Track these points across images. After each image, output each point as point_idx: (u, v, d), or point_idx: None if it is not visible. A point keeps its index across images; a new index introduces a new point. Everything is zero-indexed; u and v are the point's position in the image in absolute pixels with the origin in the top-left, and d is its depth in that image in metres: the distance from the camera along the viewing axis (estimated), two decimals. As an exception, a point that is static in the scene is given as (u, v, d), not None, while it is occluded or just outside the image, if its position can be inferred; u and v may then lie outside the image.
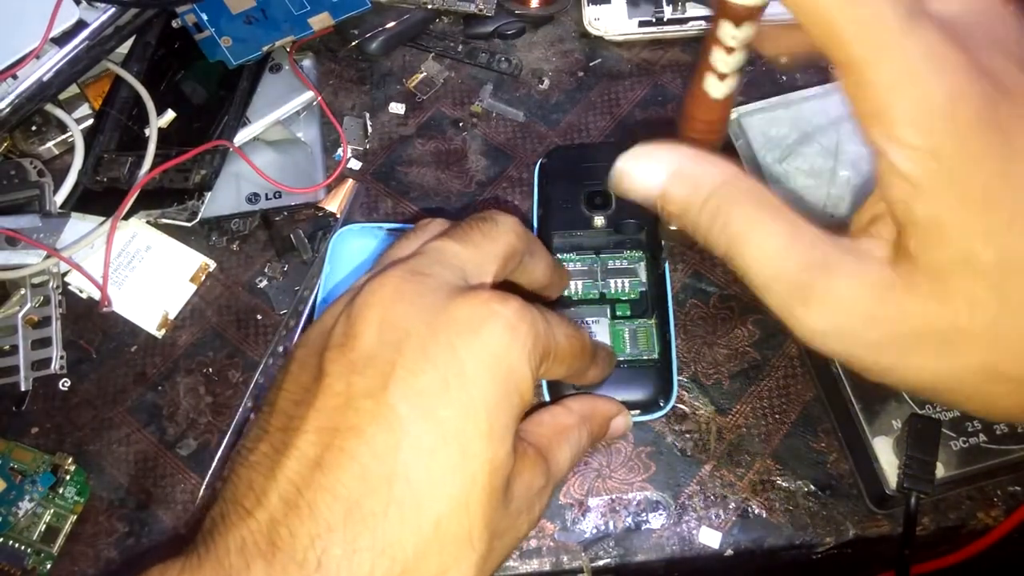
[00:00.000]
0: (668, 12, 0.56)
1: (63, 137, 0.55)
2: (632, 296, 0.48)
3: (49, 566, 0.44)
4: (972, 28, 0.22)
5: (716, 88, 0.24)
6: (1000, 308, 0.22)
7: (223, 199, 0.52)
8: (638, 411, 0.45)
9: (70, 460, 0.46)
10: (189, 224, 0.51)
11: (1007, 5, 0.23)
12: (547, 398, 0.46)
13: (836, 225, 0.25)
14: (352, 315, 0.28)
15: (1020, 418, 0.24)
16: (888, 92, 0.21)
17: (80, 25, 0.53)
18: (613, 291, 0.48)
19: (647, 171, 0.25)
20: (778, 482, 0.45)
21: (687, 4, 0.56)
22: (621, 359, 0.45)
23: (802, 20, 0.22)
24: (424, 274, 0.29)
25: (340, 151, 0.54)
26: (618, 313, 0.47)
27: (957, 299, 0.22)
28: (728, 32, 0.23)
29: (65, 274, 0.51)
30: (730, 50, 0.23)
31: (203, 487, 0.45)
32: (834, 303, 0.23)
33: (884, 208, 0.24)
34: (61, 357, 0.49)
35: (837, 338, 0.23)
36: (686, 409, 0.47)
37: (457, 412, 0.26)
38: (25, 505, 0.44)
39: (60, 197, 0.52)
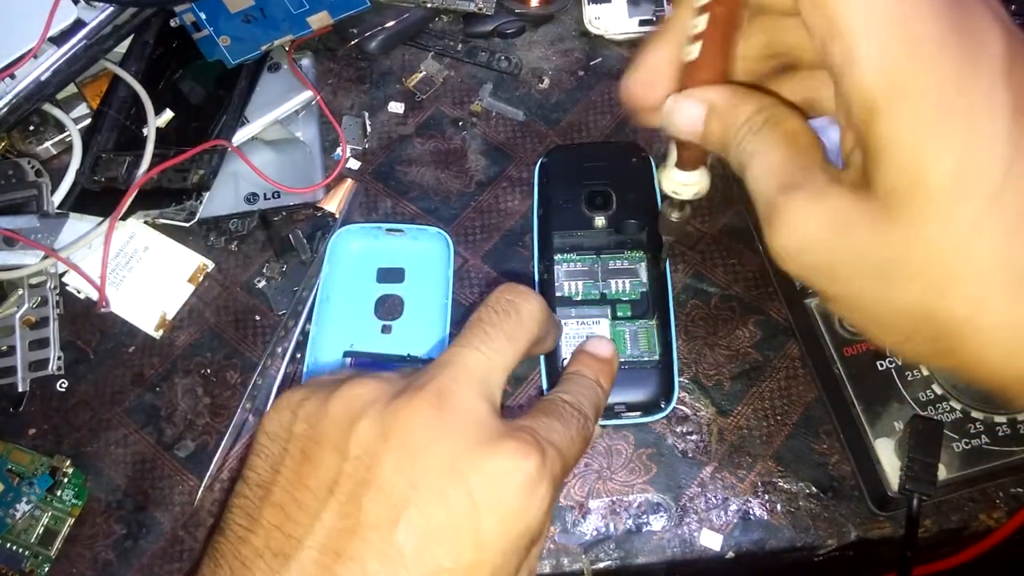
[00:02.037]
0: (669, 11, 0.56)
1: (61, 137, 0.54)
2: (633, 297, 0.47)
3: (47, 568, 0.44)
4: None
5: (687, 52, 0.26)
6: (941, 240, 0.21)
7: (221, 199, 0.52)
8: (639, 412, 0.45)
9: (68, 462, 0.45)
10: (187, 224, 0.51)
11: None
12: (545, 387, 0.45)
13: None
14: (376, 434, 0.28)
15: (947, 368, 0.24)
16: (844, 6, 0.21)
17: (78, 24, 0.53)
18: (614, 292, 0.48)
19: (688, 110, 0.26)
20: (780, 484, 0.45)
21: (688, 3, 0.55)
22: (622, 360, 0.45)
23: None
24: (453, 404, 0.28)
25: (339, 151, 0.54)
26: (619, 314, 0.47)
27: (903, 226, 0.21)
28: None
29: (63, 274, 0.51)
30: (697, 10, 0.25)
31: (201, 488, 0.45)
32: (794, 223, 0.23)
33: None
34: (59, 358, 0.49)
35: (792, 257, 0.24)
36: (687, 411, 0.46)
37: (463, 565, 0.26)
38: (23, 507, 0.44)
39: (58, 197, 0.52)
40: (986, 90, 0.20)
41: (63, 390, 0.48)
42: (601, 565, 0.44)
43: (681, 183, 0.30)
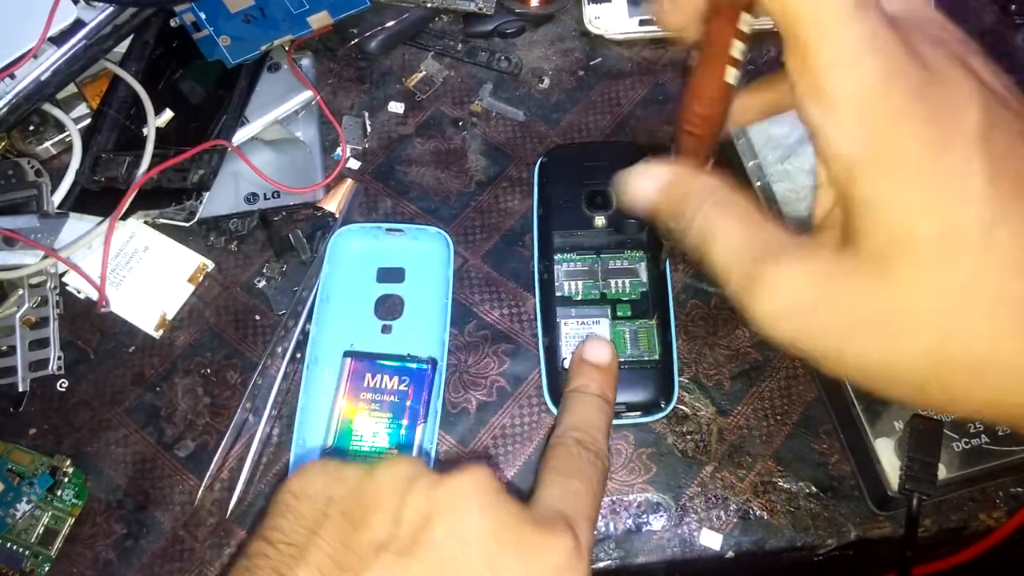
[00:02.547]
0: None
1: (61, 137, 0.54)
2: (633, 296, 0.47)
3: (47, 568, 0.44)
4: (910, 23, 0.23)
5: (733, 76, 0.27)
6: (941, 289, 0.22)
7: (221, 199, 0.52)
8: (639, 412, 0.45)
9: (68, 462, 0.45)
10: (187, 224, 0.51)
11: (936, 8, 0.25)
12: (551, 407, 0.45)
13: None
14: (428, 500, 0.30)
15: (963, 413, 0.24)
16: (828, 71, 0.22)
17: (78, 24, 0.53)
18: (614, 291, 0.48)
19: (640, 188, 0.28)
20: (779, 483, 0.45)
21: (688, 2, 0.55)
22: (622, 360, 0.45)
23: None
24: (497, 485, 0.31)
25: (339, 150, 0.54)
26: (619, 313, 0.47)
27: (899, 281, 0.22)
28: (746, 20, 0.25)
29: (63, 274, 0.51)
30: (744, 37, 0.26)
31: (201, 488, 0.45)
32: (780, 288, 0.24)
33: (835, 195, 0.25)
34: (59, 358, 0.49)
35: (785, 323, 0.24)
36: (687, 410, 0.46)
37: None
38: (23, 507, 0.44)
39: (58, 197, 0.52)
40: (961, 159, 0.21)
41: (63, 390, 0.48)
42: (601, 565, 0.44)
43: None
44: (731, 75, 0.27)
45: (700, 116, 0.28)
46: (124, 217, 0.50)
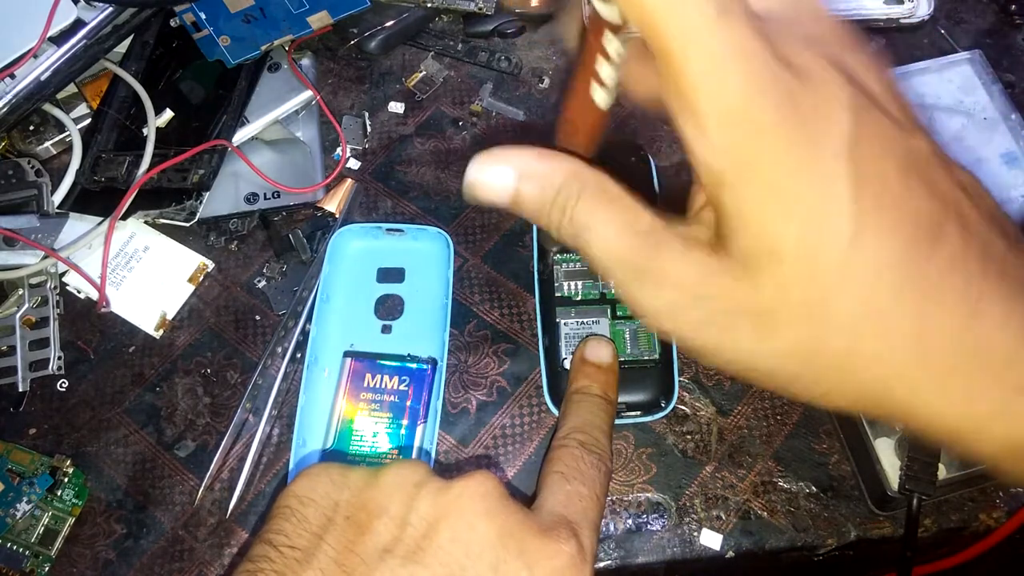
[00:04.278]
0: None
1: (61, 137, 0.54)
2: (632, 296, 0.47)
3: (47, 568, 0.44)
4: (783, 22, 0.23)
5: (601, 97, 0.26)
6: (803, 298, 0.22)
7: (221, 199, 0.52)
8: (639, 412, 0.45)
9: (68, 462, 0.45)
10: (187, 224, 0.51)
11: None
12: (551, 407, 0.45)
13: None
14: (434, 505, 0.30)
15: (836, 406, 0.25)
16: (694, 86, 0.21)
17: (78, 24, 0.53)
18: (614, 291, 0.47)
19: (496, 176, 0.26)
20: (779, 483, 0.45)
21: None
22: (622, 360, 0.45)
23: (622, 7, 0.22)
24: (502, 491, 0.31)
25: (339, 150, 0.54)
26: (619, 313, 0.47)
27: (766, 283, 0.22)
28: (611, 38, 0.24)
29: (63, 274, 0.51)
30: (610, 59, 0.25)
31: (201, 488, 0.45)
32: (661, 283, 0.24)
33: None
34: (59, 358, 0.49)
35: (666, 317, 0.25)
36: (687, 410, 0.46)
37: None
38: (23, 507, 0.44)
39: (58, 197, 0.52)
40: (828, 170, 0.21)
41: (63, 390, 0.48)
42: (601, 565, 0.44)
43: None
44: (599, 95, 0.26)
45: (569, 133, 0.27)
46: (124, 217, 0.50)
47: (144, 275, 0.51)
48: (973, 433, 0.23)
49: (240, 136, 0.53)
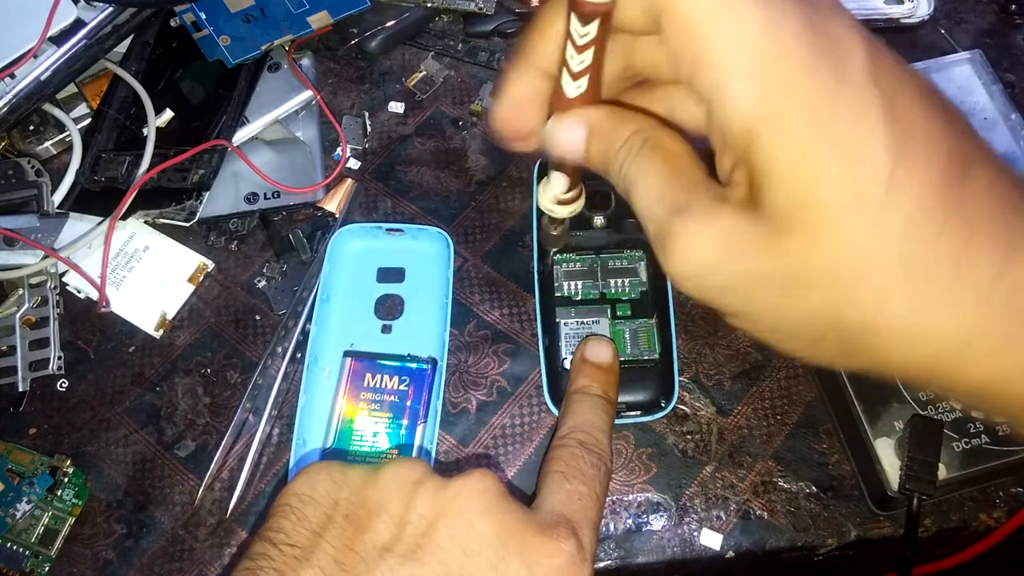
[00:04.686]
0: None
1: (61, 136, 0.54)
2: (633, 296, 0.47)
3: (47, 568, 0.44)
4: None
5: (569, 86, 0.26)
6: (838, 251, 0.21)
7: (221, 199, 0.52)
8: (639, 412, 0.45)
9: (68, 462, 0.45)
10: (187, 224, 0.51)
11: None
12: (551, 407, 0.45)
13: None
14: (432, 504, 0.30)
15: (857, 367, 0.24)
16: (707, 33, 0.21)
17: (78, 24, 0.53)
18: (613, 291, 0.48)
19: (569, 133, 0.27)
20: (779, 483, 0.45)
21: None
22: (622, 360, 0.45)
23: None
24: (501, 490, 0.31)
25: (339, 150, 0.54)
26: (619, 313, 0.47)
27: (798, 242, 0.22)
28: (577, 29, 0.24)
29: (63, 274, 0.51)
30: (579, 48, 0.24)
31: (201, 488, 0.45)
32: (687, 245, 0.24)
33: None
34: (59, 358, 0.49)
35: (692, 279, 0.24)
36: (687, 410, 0.46)
37: None
38: (23, 507, 0.44)
39: (58, 197, 0.52)
40: (857, 101, 0.21)
41: (63, 390, 0.48)
42: (601, 564, 0.44)
43: (557, 204, 0.32)
44: (570, 87, 0.26)
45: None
46: (124, 217, 0.50)
47: (144, 275, 0.51)
48: (1004, 384, 0.22)
49: (240, 136, 0.53)
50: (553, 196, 0.32)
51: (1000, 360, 0.22)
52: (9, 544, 0.43)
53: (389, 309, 0.49)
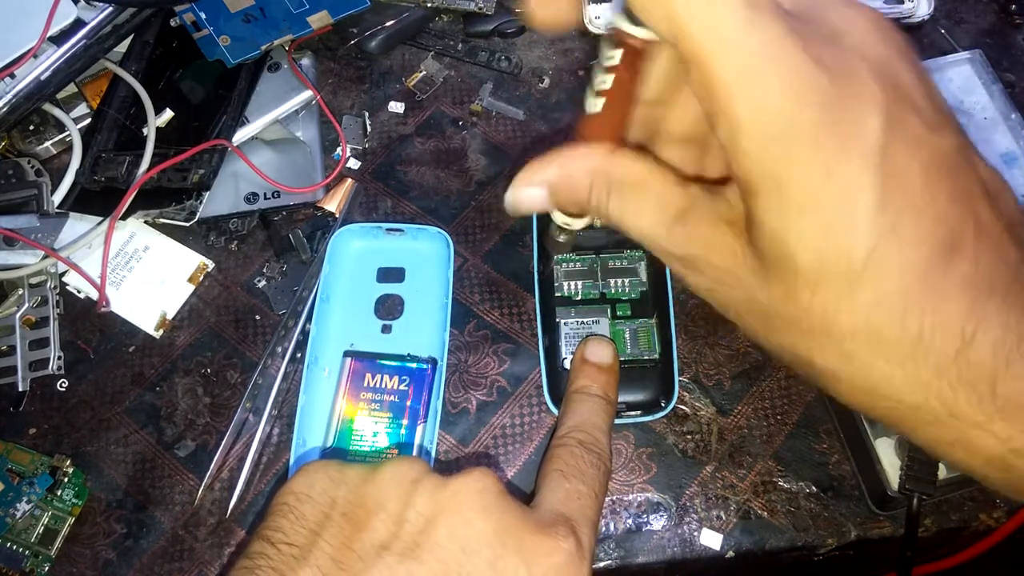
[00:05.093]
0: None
1: (61, 136, 0.54)
2: (633, 296, 0.47)
3: (47, 568, 0.44)
4: (811, 15, 0.23)
5: (589, 102, 0.27)
6: (807, 306, 0.23)
7: (221, 199, 0.52)
8: (639, 412, 0.45)
9: (68, 462, 0.45)
10: (187, 224, 0.51)
11: None
12: (551, 407, 0.45)
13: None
14: (431, 502, 0.30)
15: (836, 397, 0.26)
16: (729, 91, 0.21)
17: (78, 24, 0.53)
18: (613, 291, 0.48)
19: (530, 197, 0.28)
20: (780, 483, 0.45)
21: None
22: (622, 359, 0.45)
23: (649, 15, 0.22)
24: (500, 488, 0.32)
25: (339, 150, 0.54)
26: (619, 313, 0.47)
27: (777, 287, 0.23)
28: (605, 51, 0.25)
29: (63, 274, 0.51)
30: (605, 69, 0.26)
31: (201, 488, 0.45)
32: (694, 267, 0.26)
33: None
34: (59, 358, 0.49)
35: (706, 294, 0.26)
36: (687, 410, 0.46)
37: None
38: (23, 507, 0.44)
39: (58, 197, 0.52)
40: (855, 180, 0.21)
41: (63, 390, 0.48)
42: (601, 564, 0.44)
43: (572, 218, 0.32)
44: (631, 112, 0.27)
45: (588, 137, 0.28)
46: (124, 217, 0.50)
47: (144, 275, 0.51)
48: (954, 447, 0.23)
49: (240, 136, 0.53)
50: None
51: (944, 431, 0.23)
52: (9, 544, 0.43)
53: (389, 309, 0.49)
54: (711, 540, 0.44)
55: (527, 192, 0.28)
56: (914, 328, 0.22)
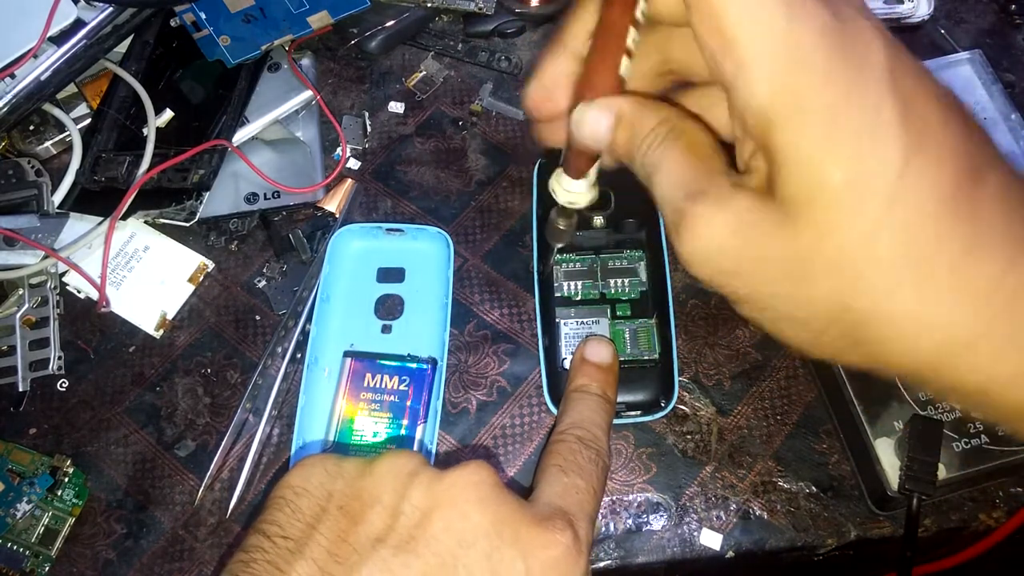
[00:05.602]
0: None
1: (61, 136, 0.54)
2: (632, 296, 0.47)
3: (48, 568, 0.44)
4: None
5: (625, 67, 0.26)
6: (847, 239, 0.22)
7: (221, 199, 0.52)
8: (639, 412, 0.45)
9: (68, 462, 0.45)
10: (187, 224, 0.51)
11: None
12: (551, 407, 0.45)
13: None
14: (427, 495, 0.30)
15: (857, 363, 0.25)
16: (734, 23, 0.22)
17: (78, 24, 0.53)
18: (613, 291, 0.48)
19: (596, 121, 0.27)
20: (779, 483, 0.45)
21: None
22: (622, 360, 0.45)
23: None
24: (496, 480, 0.31)
25: (339, 150, 0.54)
26: (618, 313, 0.47)
27: (808, 229, 0.22)
28: (641, 7, 0.25)
29: (63, 274, 0.51)
30: (639, 25, 0.25)
31: (201, 488, 0.45)
32: (699, 228, 0.24)
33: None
34: (59, 358, 0.49)
35: (702, 262, 0.25)
36: (687, 410, 0.46)
37: None
38: (23, 507, 0.44)
39: (58, 197, 0.52)
40: (874, 98, 0.21)
41: (63, 390, 0.48)
42: (601, 564, 0.44)
43: (577, 193, 0.31)
44: (624, 66, 0.26)
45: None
46: (124, 217, 0.50)
47: (144, 275, 0.51)
48: (1006, 386, 0.22)
49: (240, 136, 0.53)
50: (571, 188, 0.31)
51: (998, 366, 0.22)
52: (9, 544, 0.43)
53: (389, 309, 0.49)
54: (711, 540, 0.44)
55: (595, 116, 0.27)
56: (958, 243, 0.21)
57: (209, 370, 0.49)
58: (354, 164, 0.54)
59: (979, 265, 0.21)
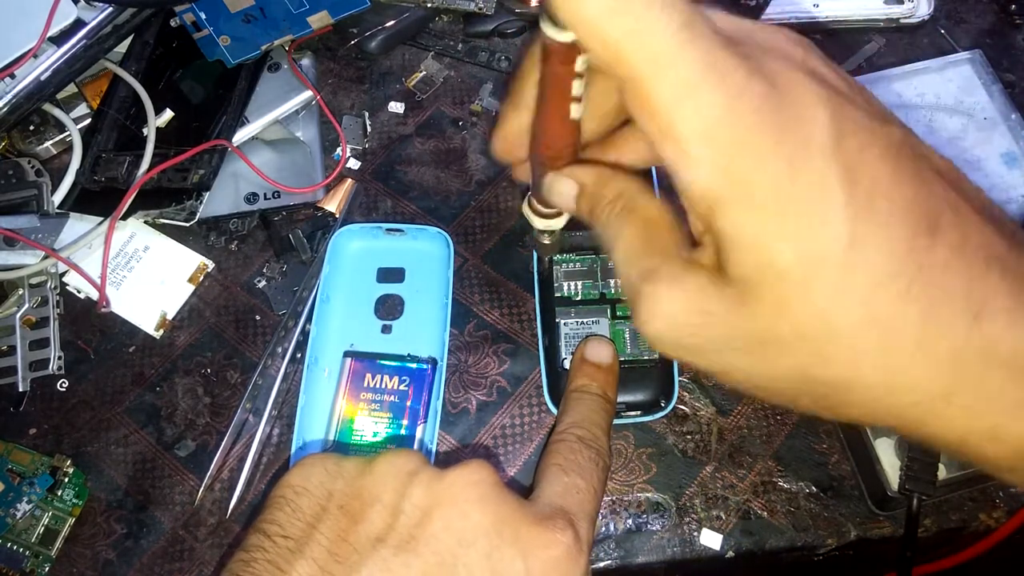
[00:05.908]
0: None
1: (61, 137, 0.54)
2: (632, 296, 0.47)
3: (48, 568, 0.44)
4: (741, 38, 0.22)
5: (577, 111, 0.27)
6: (802, 316, 0.22)
7: (221, 199, 0.52)
8: (639, 412, 0.45)
9: (68, 462, 0.45)
10: (187, 224, 0.51)
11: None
12: (551, 407, 0.45)
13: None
14: (427, 494, 0.30)
15: (841, 419, 0.25)
16: (669, 109, 0.21)
17: (78, 24, 0.53)
18: (613, 291, 0.48)
19: (563, 188, 0.29)
20: (779, 483, 0.45)
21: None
22: (622, 359, 0.45)
23: (581, 37, 0.22)
24: (496, 479, 0.31)
25: (339, 150, 0.54)
26: (618, 313, 0.47)
27: (764, 308, 0.22)
28: (581, 60, 0.25)
29: (63, 274, 0.51)
30: (580, 75, 0.26)
31: (201, 488, 0.45)
32: (652, 308, 0.24)
33: None
34: (59, 358, 0.49)
35: (662, 340, 0.25)
36: (687, 410, 0.46)
37: None
38: (23, 507, 0.44)
39: (58, 197, 0.52)
40: (818, 170, 0.21)
41: (63, 390, 0.48)
42: (601, 564, 0.44)
43: (550, 222, 0.33)
44: (575, 111, 0.27)
45: (550, 156, 0.29)
46: (124, 217, 0.50)
47: (144, 275, 0.51)
48: (984, 438, 0.22)
49: (240, 136, 0.53)
50: (541, 218, 0.33)
51: (974, 422, 0.22)
52: (9, 544, 0.43)
53: (389, 309, 0.49)
54: (711, 540, 0.44)
55: (561, 185, 0.29)
56: (917, 306, 0.21)
57: (209, 370, 0.49)
58: (354, 164, 0.54)
59: (941, 325, 0.21)
